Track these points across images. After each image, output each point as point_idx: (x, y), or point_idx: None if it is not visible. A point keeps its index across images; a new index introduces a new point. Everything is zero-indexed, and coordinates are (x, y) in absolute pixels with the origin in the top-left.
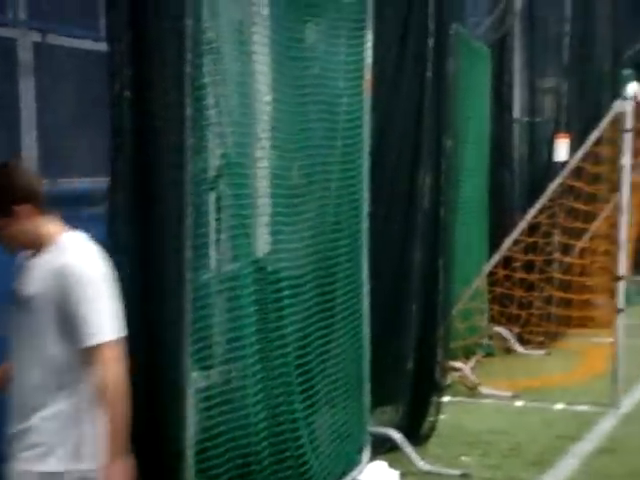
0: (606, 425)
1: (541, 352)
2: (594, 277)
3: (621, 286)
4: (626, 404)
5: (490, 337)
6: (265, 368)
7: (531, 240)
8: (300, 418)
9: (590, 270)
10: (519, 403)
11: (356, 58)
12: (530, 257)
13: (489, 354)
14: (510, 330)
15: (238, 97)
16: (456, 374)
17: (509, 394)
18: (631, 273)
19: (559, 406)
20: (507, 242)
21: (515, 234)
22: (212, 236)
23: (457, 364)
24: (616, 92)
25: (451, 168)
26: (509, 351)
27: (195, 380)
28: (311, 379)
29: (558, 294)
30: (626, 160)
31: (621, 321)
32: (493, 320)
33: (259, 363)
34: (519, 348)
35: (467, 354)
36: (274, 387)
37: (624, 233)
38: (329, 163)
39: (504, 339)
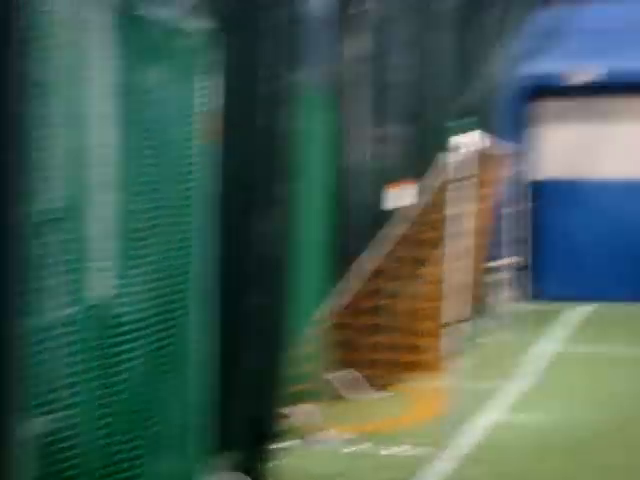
0: (439, 467)
1: (379, 396)
2: (431, 322)
3: (454, 331)
4: (459, 446)
5: (328, 382)
6: (105, 414)
7: (372, 285)
8: (140, 464)
9: (428, 315)
10: (355, 447)
11: (198, 103)
12: (371, 302)
13: (327, 399)
14: (348, 374)
15: (75, 140)
16: (294, 419)
17: (346, 438)
18: (469, 317)
19: (393, 449)
20: (345, 287)
21: (354, 279)
22: (49, 280)
23: (295, 409)
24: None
25: (290, 213)
26: (346, 396)
27: (33, 426)
28: (150, 424)
29: (397, 339)
30: (457, 208)
31: (455, 364)
32: (332, 364)
33: (98, 408)
34: (357, 392)
35: (305, 399)
36: (113, 432)
37: (457, 278)
38: (169, 207)
39: (343, 384)
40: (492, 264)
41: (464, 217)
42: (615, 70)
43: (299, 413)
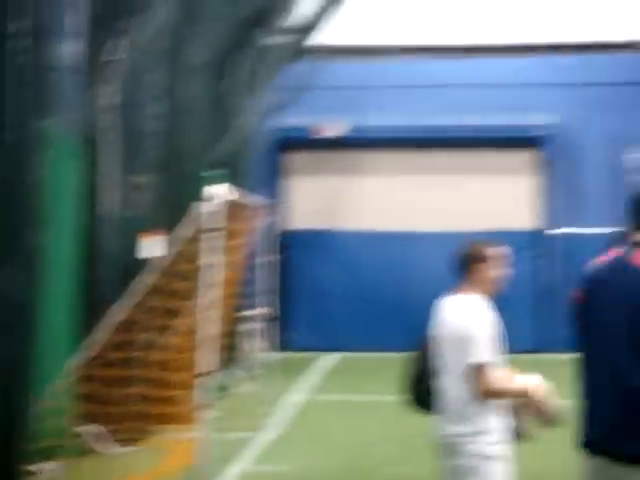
0: None
1: (130, 449)
2: (183, 373)
3: (205, 381)
4: None
5: (77, 436)
6: None
7: (122, 336)
8: None
9: (179, 366)
10: None
11: None
12: (121, 354)
13: (76, 454)
14: (96, 428)
15: None
16: (41, 476)
17: None
18: (219, 368)
19: None
20: (95, 339)
21: (104, 331)
22: None
23: (42, 465)
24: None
25: (38, 263)
26: (97, 450)
27: None
28: None
29: (148, 391)
30: (208, 259)
31: (206, 415)
32: (81, 419)
33: None
34: (108, 447)
35: (52, 454)
36: None
37: (208, 329)
38: None
39: (92, 438)
40: (243, 314)
41: (215, 268)
42: (360, 125)
43: (46, 470)
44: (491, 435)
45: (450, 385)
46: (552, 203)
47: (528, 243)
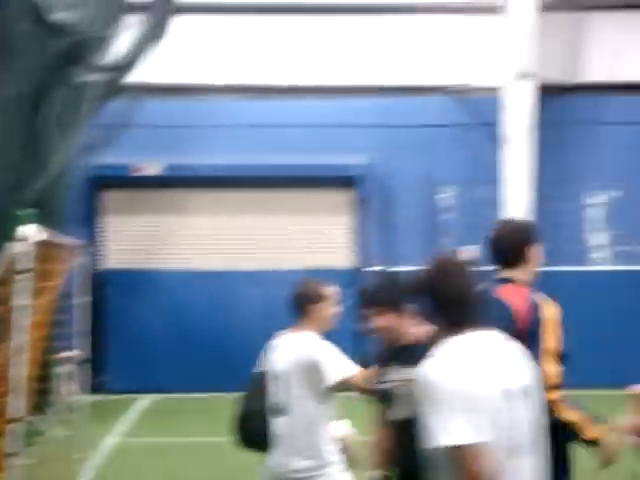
0: None
1: None
2: None
3: (15, 428)
4: None
5: None
6: None
7: None
8: None
9: None
10: None
11: None
12: None
13: None
14: None
15: None
16: None
17: None
18: (29, 413)
19: None
20: None
21: None
22: None
23: None
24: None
25: None
26: None
27: None
28: None
29: None
30: (19, 301)
31: (16, 463)
32: None
33: None
34: None
35: None
36: None
37: (19, 373)
38: None
39: None
40: (56, 357)
41: (27, 310)
42: (180, 164)
43: None
44: (335, 465)
45: (292, 421)
46: (366, 241)
47: (346, 281)
